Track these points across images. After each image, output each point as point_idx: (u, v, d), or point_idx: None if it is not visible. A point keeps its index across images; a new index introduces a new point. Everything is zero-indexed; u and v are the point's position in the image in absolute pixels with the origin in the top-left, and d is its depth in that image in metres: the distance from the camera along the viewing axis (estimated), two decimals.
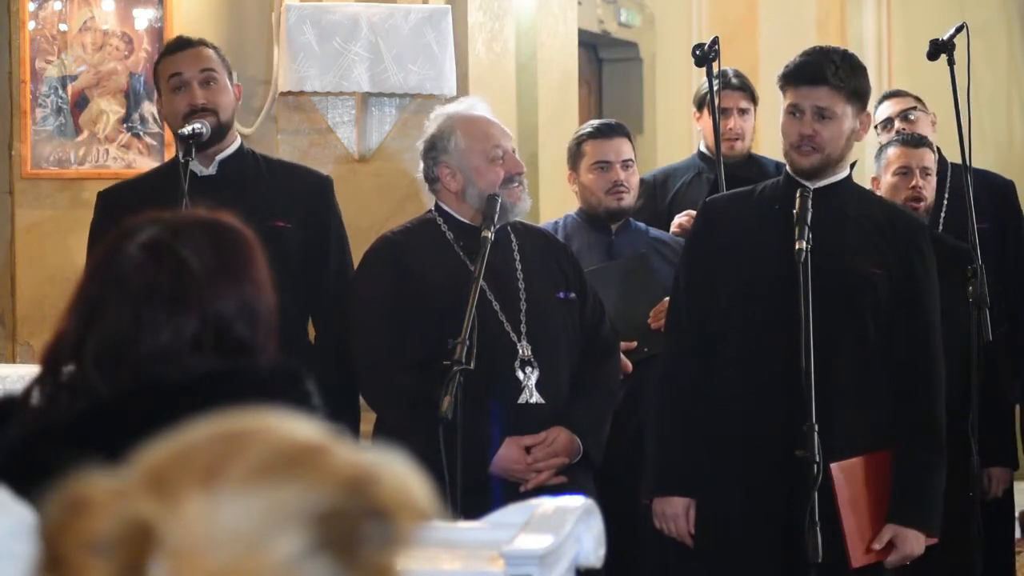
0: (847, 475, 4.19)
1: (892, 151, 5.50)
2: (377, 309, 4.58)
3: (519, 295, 4.56)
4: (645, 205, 5.76)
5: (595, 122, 5.60)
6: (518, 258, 4.61)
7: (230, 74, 4.90)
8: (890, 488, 4.23)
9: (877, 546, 4.22)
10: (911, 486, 4.24)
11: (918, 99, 6.12)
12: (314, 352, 4.89)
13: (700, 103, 5.97)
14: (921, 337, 4.30)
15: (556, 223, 5.43)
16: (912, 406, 4.27)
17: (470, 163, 4.56)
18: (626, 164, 5.39)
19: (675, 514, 4.37)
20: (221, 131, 4.81)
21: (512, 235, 4.64)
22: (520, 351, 4.50)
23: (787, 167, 4.42)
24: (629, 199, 5.39)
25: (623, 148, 5.42)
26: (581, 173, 5.41)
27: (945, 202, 5.84)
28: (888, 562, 4.25)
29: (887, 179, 5.44)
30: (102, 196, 4.96)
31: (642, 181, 5.99)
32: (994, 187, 5.82)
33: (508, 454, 4.39)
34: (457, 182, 4.60)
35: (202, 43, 4.91)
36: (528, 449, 4.47)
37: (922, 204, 5.34)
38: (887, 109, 6.06)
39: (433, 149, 4.62)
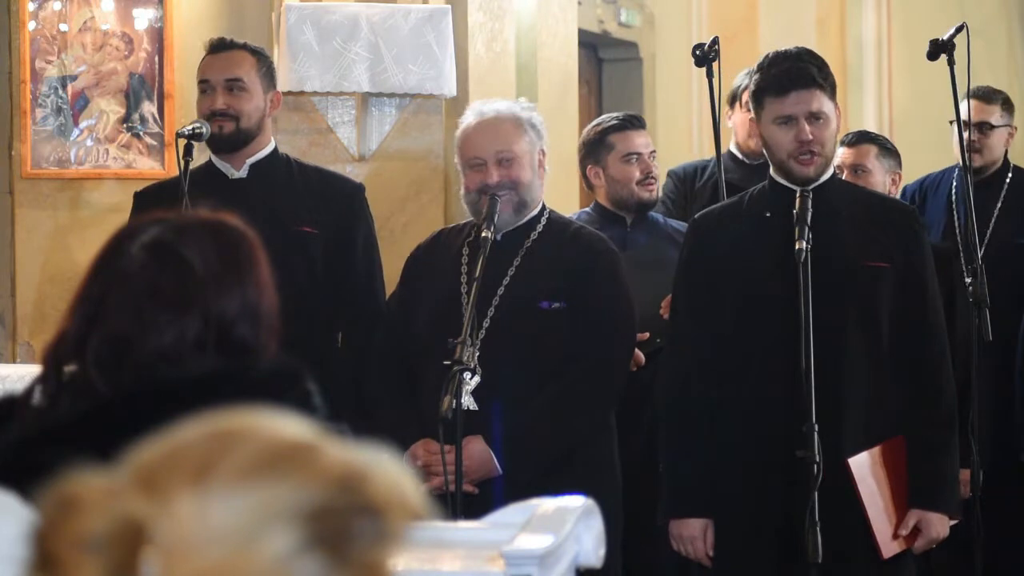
0: (864, 468, 4.19)
1: (837, 150, 5.47)
2: (391, 315, 4.70)
3: (492, 300, 4.52)
4: (680, 196, 5.76)
5: (617, 115, 5.55)
6: (516, 263, 4.57)
7: (271, 81, 4.92)
8: (906, 473, 4.23)
9: (904, 532, 4.22)
10: (928, 469, 4.24)
11: (1005, 102, 5.94)
12: (341, 358, 4.91)
13: (732, 98, 5.93)
14: (928, 321, 4.31)
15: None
16: (923, 389, 4.27)
17: (461, 167, 4.61)
18: (652, 155, 5.42)
19: (692, 536, 4.34)
20: (244, 136, 4.84)
21: (532, 237, 4.61)
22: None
23: (773, 174, 4.37)
24: (657, 190, 5.42)
25: (649, 140, 5.45)
26: (609, 165, 5.39)
27: (997, 211, 5.78)
28: (916, 547, 4.25)
29: None
30: (138, 196, 5.00)
31: (671, 173, 5.99)
32: None
33: (411, 451, 4.42)
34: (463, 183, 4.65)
35: (243, 47, 4.92)
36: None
37: (903, 203, 5.33)
38: (971, 110, 5.76)
39: (455, 144, 4.69)
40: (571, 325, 4.50)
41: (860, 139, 5.56)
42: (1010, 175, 5.91)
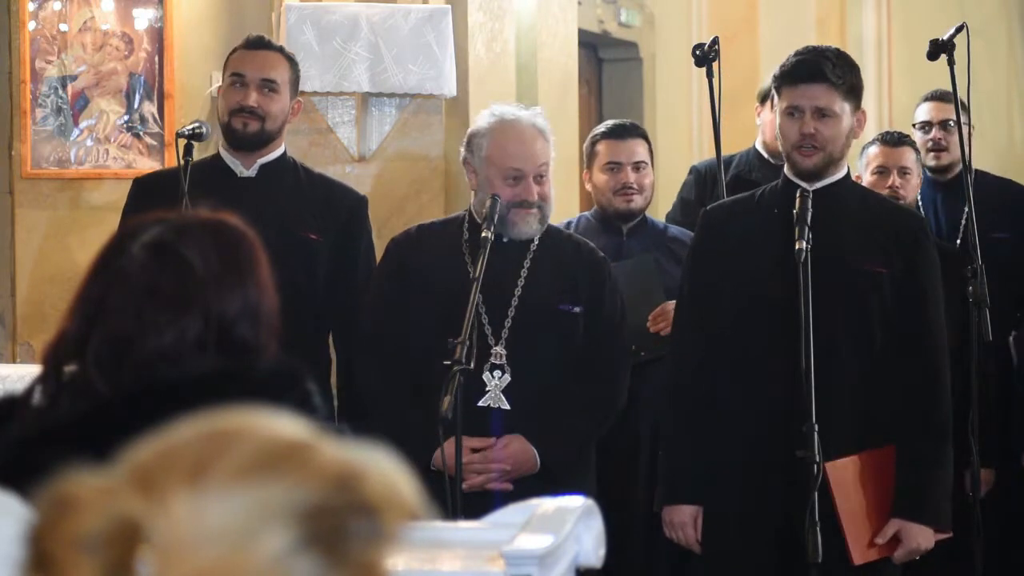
0: (842, 473, 4.20)
1: (872, 150, 5.51)
2: (373, 299, 4.67)
3: (511, 300, 4.54)
4: (697, 195, 5.75)
5: (611, 122, 5.55)
6: (528, 265, 4.60)
7: (296, 89, 4.93)
8: (894, 483, 4.23)
9: (880, 541, 4.21)
10: (915, 480, 4.23)
11: (963, 104, 6.00)
12: (329, 365, 4.93)
13: (764, 96, 5.90)
14: (926, 331, 4.30)
15: (569, 223, 5.40)
16: (916, 400, 4.26)
17: (486, 172, 4.57)
18: (638, 166, 5.34)
19: (683, 522, 4.36)
20: (265, 137, 4.86)
21: (536, 241, 4.62)
22: (493, 355, 4.50)
23: (785, 170, 4.40)
24: (640, 201, 5.35)
25: (636, 149, 5.36)
26: (594, 173, 5.39)
27: (966, 210, 5.81)
28: (896, 557, 4.25)
29: (867, 178, 5.45)
30: (137, 183, 5.00)
31: (693, 170, 5.97)
32: (1018, 198, 5.81)
33: (448, 450, 4.38)
34: (473, 182, 4.63)
35: (280, 51, 4.94)
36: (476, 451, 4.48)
37: (913, 211, 5.33)
38: (929, 111, 5.89)
39: (469, 142, 4.64)
40: (584, 330, 4.58)
41: (901, 140, 5.55)
42: (973, 173, 5.92)
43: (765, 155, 5.88)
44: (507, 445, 4.46)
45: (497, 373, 4.47)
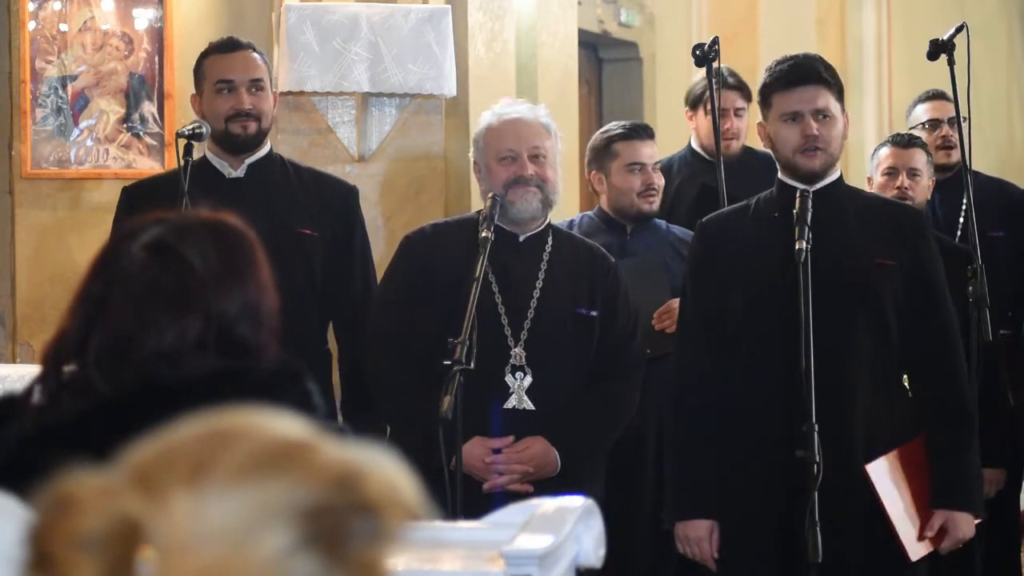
0: (882, 472, 4.19)
1: (883, 151, 5.51)
2: (390, 298, 4.65)
3: (529, 302, 4.56)
4: None
5: (625, 123, 5.55)
6: (544, 267, 4.61)
7: (272, 81, 4.95)
8: (927, 475, 4.23)
9: (930, 534, 4.21)
10: (951, 469, 4.22)
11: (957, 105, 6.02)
12: (329, 360, 4.92)
13: (694, 102, 5.96)
14: (939, 321, 4.30)
15: (571, 222, 5.40)
16: (938, 389, 4.27)
17: (486, 161, 4.60)
18: (655, 167, 5.39)
19: (698, 537, 4.33)
20: (261, 137, 4.87)
21: (550, 243, 4.65)
22: (513, 356, 4.50)
23: (780, 175, 4.38)
24: (658, 202, 5.39)
25: (655, 151, 5.42)
26: (612, 173, 5.38)
27: (963, 209, 5.82)
28: (942, 548, 4.25)
29: (877, 179, 5.46)
30: (126, 192, 5.00)
31: None
32: (1012, 197, 5.82)
33: (470, 451, 4.38)
34: (480, 181, 4.65)
35: (252, 48, 4.94)
36: (498, 451, 4.48)
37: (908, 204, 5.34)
38: (934, 110, 5.91)
39: (475, 144, 4.67)
40: (600, 335, 4.61)
41: (911, 142, 5.55)
42: (971, 178, 5.94)
43: (705, 156, 5.90)
44: (529, 447, 4.47)
45: (519, 375, 4.49)
